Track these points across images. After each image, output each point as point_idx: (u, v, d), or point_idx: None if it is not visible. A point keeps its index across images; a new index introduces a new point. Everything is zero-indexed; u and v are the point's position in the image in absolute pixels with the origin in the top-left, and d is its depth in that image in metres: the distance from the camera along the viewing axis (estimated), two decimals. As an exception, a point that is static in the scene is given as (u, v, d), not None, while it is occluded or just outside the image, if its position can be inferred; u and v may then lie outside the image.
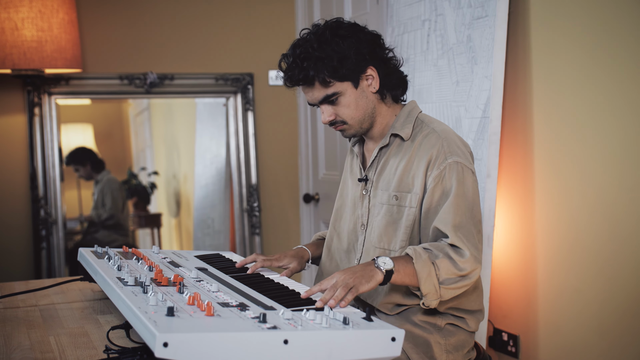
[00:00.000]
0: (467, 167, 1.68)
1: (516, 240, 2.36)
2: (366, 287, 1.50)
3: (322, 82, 1.70)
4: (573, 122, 2.15)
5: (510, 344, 2.41)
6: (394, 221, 1.74)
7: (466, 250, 1.61)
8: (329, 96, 1.71)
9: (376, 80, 1.75)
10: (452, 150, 1.69)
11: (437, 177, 1.67)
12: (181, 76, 3.51)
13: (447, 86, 2.48)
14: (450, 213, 1.63)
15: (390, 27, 2.82)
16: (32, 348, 1.48)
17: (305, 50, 1.69)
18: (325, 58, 1.67)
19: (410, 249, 1.60)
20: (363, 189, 1.83)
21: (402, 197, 1.73)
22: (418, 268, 1.56)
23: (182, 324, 1.21)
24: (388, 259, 1.55)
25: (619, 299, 2.04)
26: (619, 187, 2.02)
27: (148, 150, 3.91)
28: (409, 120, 1.78)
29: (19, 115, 3.30)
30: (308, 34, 1.74)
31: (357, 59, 1.70)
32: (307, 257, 1.95)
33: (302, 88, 1.75)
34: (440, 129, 1.75)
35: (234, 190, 3.66)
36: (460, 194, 1.65)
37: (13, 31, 2.95)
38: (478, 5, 2.34)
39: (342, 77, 1.70)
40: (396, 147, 1.78)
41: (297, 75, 1.70)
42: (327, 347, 1.22)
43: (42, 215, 3.30)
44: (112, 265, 1.74)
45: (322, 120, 1.76)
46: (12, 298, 1.90)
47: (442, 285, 1.58)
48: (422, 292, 1.58)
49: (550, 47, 2.21)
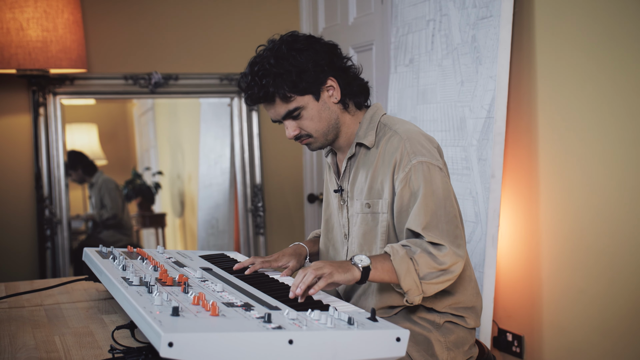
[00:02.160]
0: (433, 165, 1.66)
1: (520, 241, 2.36)
2: (342, 277, 1.50)
3: (283, 98, 1.68)
4: (577, 123, 2.15)
5: (514, 344, 2.40)
6: (370, 229, 1.73)
7: (445, 245, 1.60)
8: (292, 112, 1.70)
9: (337, 90, 1.74)
10: (416, 150, 1.67)
11: (404, 180, 1.66)
12: (186, 76, 3.52)
13: (451, 86, 2.48)
14: (420, 214, 1.62)
15: (394, 27, 2.82)
16: (37, 347, 1.48)
17: (262, 67, 1.68)
18: (284, 73, 1.66)
19: (388, 247, 1.60)
20: (340, 199, 1.83)
21: (373, 204, 1.72)
22: (396, 264, 1.56)
23: (187, 324, 1.21)
24: (364, 257, 1.55)
25: (623, 299, 2.04)
26: (623, 187, 2.02)
27: (152, 150, 3.92)
28: (371, 127, 1.77)
29: (24, 115, 3.31)
30: (264, 51, 1.72)
31: (316, 71, 1.69)
32: (305, 253, 1.94)
33: (264, 106, 1.73)
34: (402, 129, 1.73)
35: (239, 190, 3.67)
36: (428, 194, 1.63)
37: (18, 31, 2.95)
38: (483, 5, 2.34)
39: (303, 91, 1.69)
40: (363, 156, 1.77)
41: (258, 94, 1.69)
42: (332, 347, 1.22)
43: (47, 215, 3.31)
44: (117, 265, 1.74)
45: (287, 135, 1.74)
46: (17, 298, 1.90)
47: (422, 281, 1.58)
48: (402, 288, 1.58)
49: (555, 47, 2.21)
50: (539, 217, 2.28)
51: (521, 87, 2.33)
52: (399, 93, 2.78)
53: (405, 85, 2.74)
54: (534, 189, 2.29)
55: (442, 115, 2.52)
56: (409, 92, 2.70)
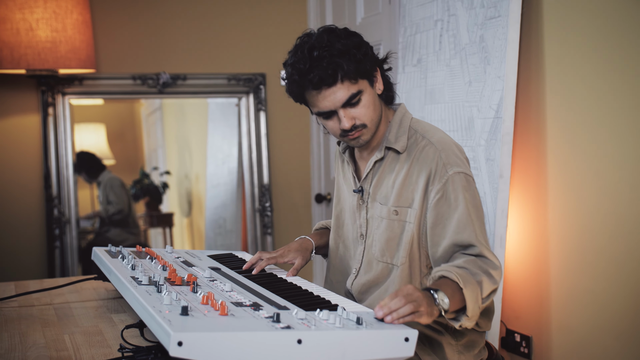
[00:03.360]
0: (468, 175, 1.66)
1: (529, 241, 2.36)
2: (427, 320, 1.38)
3: (351, 77, 1.61)
4: (586, 123, 2.14)
5: (522, 345, 2.40)
6: (395, 236, 1.71)
7: (495, 261, 1.57)
8: (354, 95, 1.63)
9: (380, 81, 1.71)
10: (451, 161, 1.65)
11: (440, 191, 1.63)
12: (194, 76, 3.52)
13: (459, 86, 2.48)
14: (469, 225, 1.59)
15: (402, 27, 2.82)
16: (47, 346, 1.49)
17: (325, 48, 1.60)
18: (349, 52, 1.60)
19: (453, 274, 1.49)
20: (359, 199, 1.79)
21: (401, 211, 1.69)
22: (467, 295, 1.47)
23: (196, 323, 1.21)
24: (445, 297, 1.42)
25: (632, 300, 2.03)
26: (632, 188, 2.01)
27: (160, 150, 3.93)
28: (402, 131, 1.73)
29: (33, 115, 3.33)
30: (315, 37, 1.64)
31: (372, 55, 1.67)
32: (310, 248, 1.92)
33: (320, 93, 1.62)
34: (435, 138, 1.70)
35: (246, 190, 3.67)
36: (471, 204, 1.62)
37: (28, 32, 2.97)
38: (491, 5, 2.33)
39: (365, 74, 1.64)
40: (391, 160, 1.73)
41: (326, 72, 1.58)
42: (341, 347, 1.22)
43: (56, 215, 3.33)
44: (126, 265, 1.75)
45: (342, 126, 1.65)
46: (26, 296, 1.91)
47: (482, 304, 1.53)
48: (467, 315, 1.48)
49: (563, 47, 2.21)
50: (548, 218, 2.28)
51: (529, 87, 2.33)
52: (407, 93, 2.78)
53: (413, 85, 2.74)
54: (543, 189, 2.29)
55: (450, 115, 2.51)
56: (417, 92, 2.70)
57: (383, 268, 1.73)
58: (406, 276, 1.70)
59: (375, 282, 1.76)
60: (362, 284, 1.78)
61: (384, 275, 1.74)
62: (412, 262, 1.70)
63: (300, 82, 1.64)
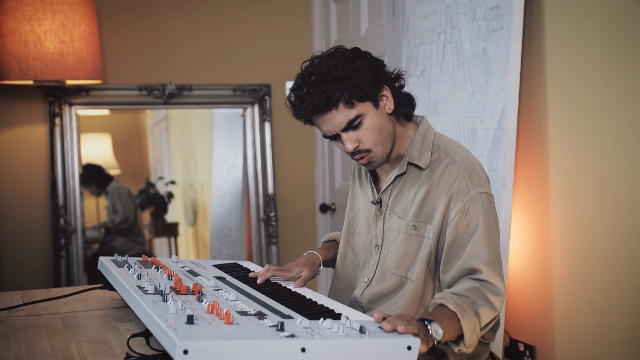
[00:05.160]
0: (489, 195, 1.67)
1: (532, 251, 2.37)
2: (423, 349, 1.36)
3: (347, 103, 1.62)
4: (588, 133, 2.16)
5: (526, 354, 2.40)
6: (412, 250, 1.71)
7: (501, 287, 1.58)
8: (353, 120, 1.64)
9: (390, 100, 1.70)
10: (475, 180, 1.66)
11: (461, 210, 1.63)
12: (199, 87, 3.55)
13: (462, 97, 2.50)
14: (483, 247, 1.60)
15: (406, 39, 2.84)
16: (54, 355, 1.50)
17: (321, 74, 1.62)
18: (346, 77, 1.61)
19: (451, 303, 1.50)
20: (377, 210, 1.79)
21: (420, 227, 1.69)
22: (464, 325, 1.49)
23: (202, 332, 1.23)
24: (439, 328, 1.43)
25: (636, 310, 2.03)
26: (635, 197, 2.02)
27: (165, 159, 3.95)
28: (425, 147, 1.73)
29: (41, 125, 3.36)
30: (317, 62, 1.66)
31: (375, 77, 1.66)
32: (318, 262, 1.93)
33: (320, 118, 1.66)
34: (459, 157, 1.70)
35: (251, 200, 3.69)
36: (488, 225, 1.63)
37: (36, 43, 3.00)
38: (493, 18, 2.36)
39: (365, 97, 1.64)
40: (413, 175, 1.74)
41: (319, 99, 1.61)
42: (344, 356, 1.23)
43: (62, 224, 3.35)
44: (132, 274, 1.76)
45: (346, 149, 1.67)
46: (33, 306, 1.93)
47: (480, 332, 1.54)
48: (465, 344, 1.51)
49: (565, 58, 2.22)
50: (550, 227, 2.29)
51: (532, 98, 2.34)
52: (410, 104, 2.79)
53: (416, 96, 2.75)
54: (545, 199, 2.30)
55: (453, 126, 2.53)
56: (421, 103, 2.72)
57: (396, 280, 1.74)
58: (419, 291, 1.71)
59: (386, 294, 1.76)
60: (373, 294, 1.78)
61: (396, 288, 1.75)
62: (427, 278, 1.71)
63: (299, 107, 1.68)
